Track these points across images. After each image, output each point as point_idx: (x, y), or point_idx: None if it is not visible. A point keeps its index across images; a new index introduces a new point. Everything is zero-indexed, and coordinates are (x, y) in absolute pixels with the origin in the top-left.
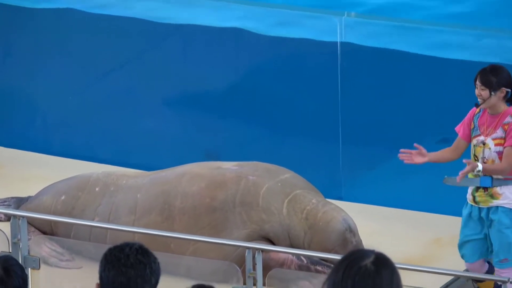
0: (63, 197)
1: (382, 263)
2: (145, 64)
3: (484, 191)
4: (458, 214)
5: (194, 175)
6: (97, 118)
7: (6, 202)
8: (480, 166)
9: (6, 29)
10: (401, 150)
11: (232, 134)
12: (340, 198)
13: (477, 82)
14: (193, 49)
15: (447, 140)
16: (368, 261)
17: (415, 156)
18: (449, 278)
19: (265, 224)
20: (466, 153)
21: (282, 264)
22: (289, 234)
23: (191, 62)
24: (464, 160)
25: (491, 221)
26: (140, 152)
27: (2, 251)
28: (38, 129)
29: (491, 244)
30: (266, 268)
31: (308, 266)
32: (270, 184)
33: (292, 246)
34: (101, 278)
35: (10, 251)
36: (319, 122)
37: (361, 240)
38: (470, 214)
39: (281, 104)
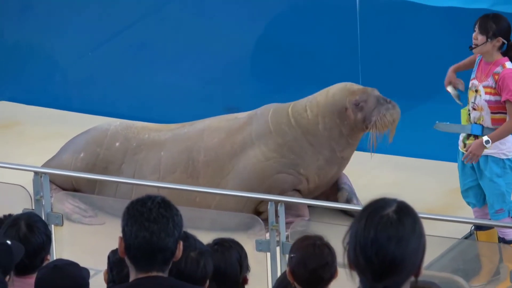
0: (82, 155)
1: (404, 212)
2: (163, 18)
3: (475, 139)
4: None
5: (213, 129)
6: (116, 73)
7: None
8: (486, 137)
9: None
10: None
11: (251, 86)
12: (361, 149)
13: (477, 26)
14: (210, 1)
15: (467, 89)
16: (390, 210)
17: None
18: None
19: (283, 148)
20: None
21: None
22: (309, 141)
23: (208, 14)
24: (465, 149)
25: (482, 171)
26: (160, 107)
27: (25, 208)
28: (58, 85)
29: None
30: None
31: None
32: (274, 106)
33: (315, 150)
34: (123, 232)
35: (33, 208)
36: (339, 73)
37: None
38: (463, 162)
39: (301, 56)
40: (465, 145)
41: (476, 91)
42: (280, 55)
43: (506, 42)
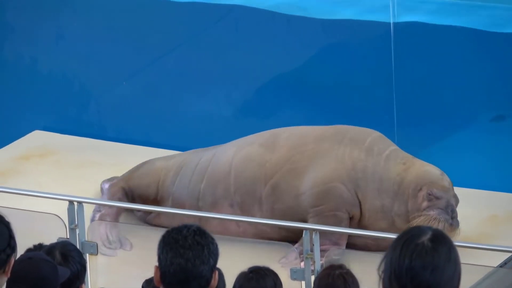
0: (174, 159)
1: (439, 240)
2: (197, 47)
3: None
4: None
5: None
6: (150, 102)
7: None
8: None
9: (58, 13)
10: None
11: (285, 116)
12: None
13: None
14: (245, 31)
15: (503, 117)
16: (425, 238)
17: None
18: (507, 255)
19: (359, 162)
20: None
21: None
22: (380, 177)
23: (243, 44)
24: None
25: None
26: (194, 135)
27: (59, 237)
28: (92, 114)
29: None
30: None
31: None
32: (376, 134)
33: (379, 190)
34: (159, 260)
35: (68, 237)
36: (374, 103)
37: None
38: None
39: (334, 87)
40: None
41: None
42: (314, 84)
43: None
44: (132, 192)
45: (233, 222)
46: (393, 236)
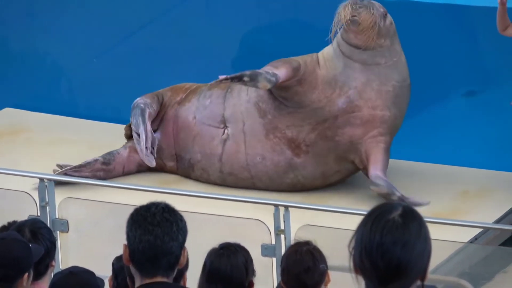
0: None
1: (409, 215)
2: (169, 23)
3: None
4: (485, 166)
5: None
6: (122, 79)
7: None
8: None
9: None
10: None
11: None
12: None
13: None
14: (215, 7)
15: (474, 93)
16: (396, 214)
17: None
18: (478, 231)
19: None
20: None
21: None
22: None
23: (216, 19)
24: None
25: None
26: None
27: (30, 215)
28: (63, 92)
29: None
30: None
31: None
32: None
33: None
34: (128, 237)
35: (39, 214)
36: None
37: None
38: None
39: None
40: None
41: None
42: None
43: None
44: (163, 94)
45: None
46: (363, 212)
